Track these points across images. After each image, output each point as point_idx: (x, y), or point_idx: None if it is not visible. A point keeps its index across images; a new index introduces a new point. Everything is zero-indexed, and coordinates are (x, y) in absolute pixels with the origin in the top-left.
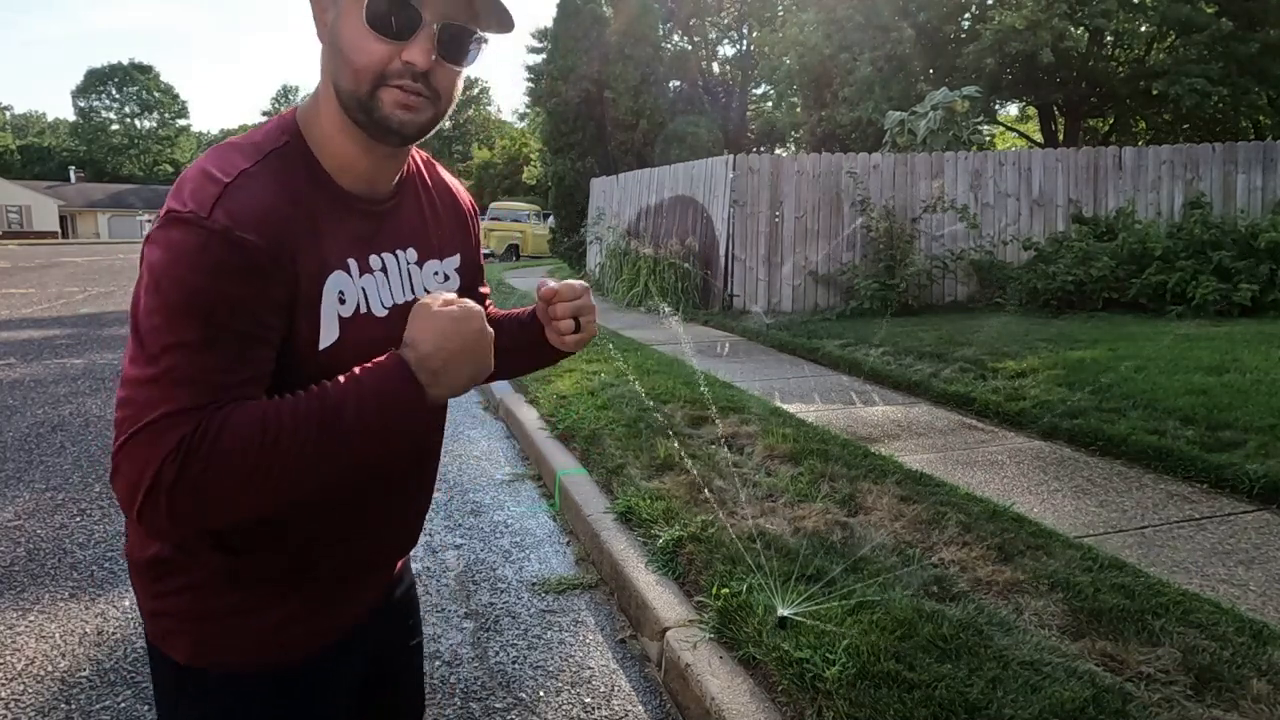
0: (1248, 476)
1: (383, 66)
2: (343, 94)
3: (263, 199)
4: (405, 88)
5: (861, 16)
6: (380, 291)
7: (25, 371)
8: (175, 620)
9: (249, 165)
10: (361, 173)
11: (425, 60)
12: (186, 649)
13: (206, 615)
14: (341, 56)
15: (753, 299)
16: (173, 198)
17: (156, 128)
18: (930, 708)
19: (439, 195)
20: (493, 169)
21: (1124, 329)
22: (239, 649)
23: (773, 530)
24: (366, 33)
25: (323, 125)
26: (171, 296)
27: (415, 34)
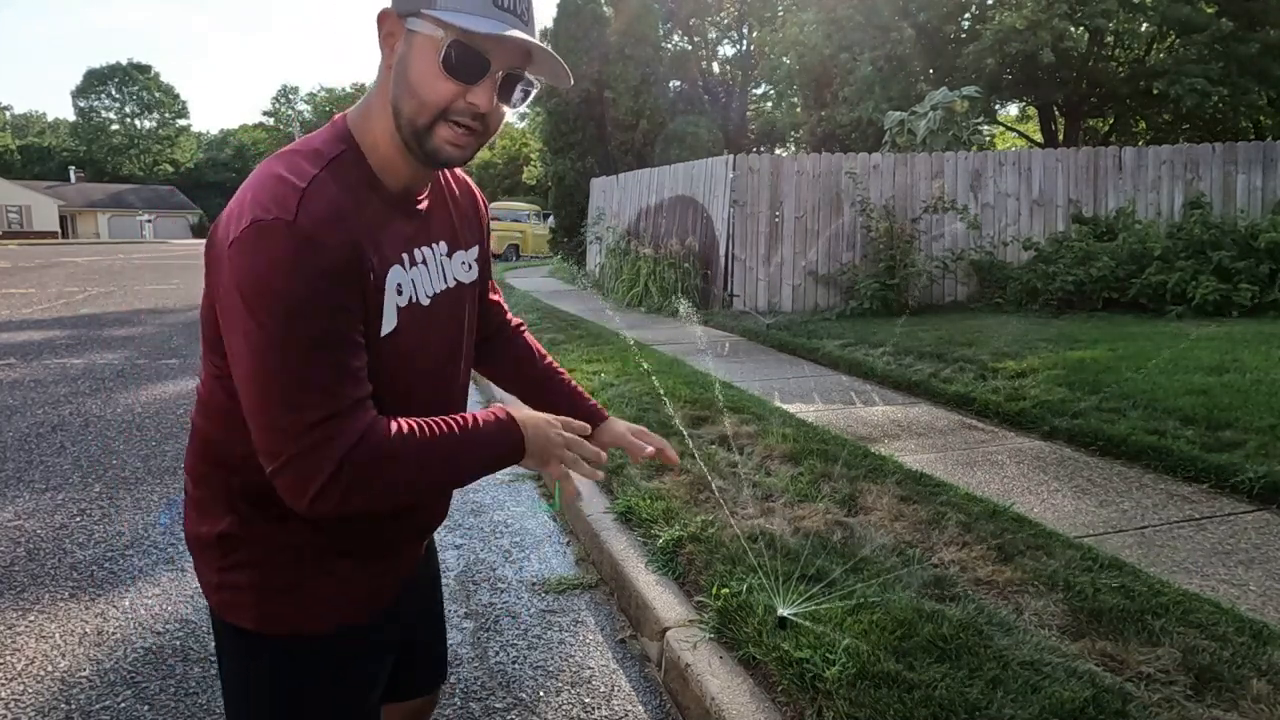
0: (1248, 476)
1: (447, 104)
2: (401, 118)
3: (336, 202)
4: (460, 124)
5: (861, 16)
6: (424, 282)
7: (25, 371)
8: (241, 591)
9: (317, 171)
10: (405, 179)
11: (488, 104)
12: (254, 617)
13: (272, 585)
14: (408, 87)
15: (753, 299)
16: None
17: (156, 128)
18: (930, 708)
19: (459, 192)
20: (493, 169)
21: (1124, 329)
22: (302, 615)
23: (773, 530)
24: (439, 73)
25: (375, 136)
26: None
27: (483, 79)
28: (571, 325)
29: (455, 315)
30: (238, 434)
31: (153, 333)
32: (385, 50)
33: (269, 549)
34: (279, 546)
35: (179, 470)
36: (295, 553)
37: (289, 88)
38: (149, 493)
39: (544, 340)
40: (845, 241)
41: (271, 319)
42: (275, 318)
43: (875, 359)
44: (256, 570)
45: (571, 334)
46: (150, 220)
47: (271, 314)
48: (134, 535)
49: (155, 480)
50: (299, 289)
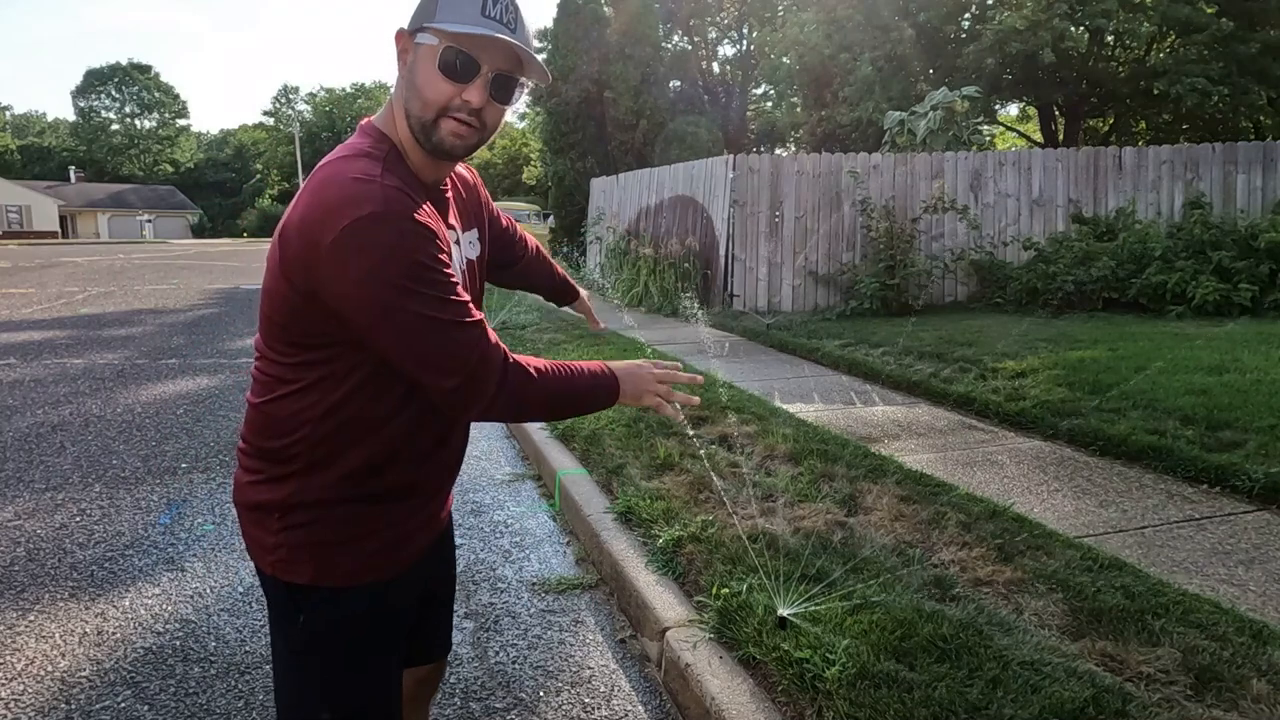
0: (1248, 476)
1: (447, 101)
2: (411, 118)
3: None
4: (460, 119)
5: (861, 16)
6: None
7: (25, 371)
8: (300, 550)
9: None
10: (430, 171)
11: (480, 100)
12: (310, 572)
13: (327, 543)
14: (415, 90)
15: (753, 299)
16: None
17: (156, 128)
18: (930, 708)
19: (462, 182)
20: (493, 169)
21: (1124, 329)
22: (351, 571)
23: (773, 530)
24: (438, 75)
25: (400, 137)
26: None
27: (474, 79)
28: (571, 325)
29: (476, 289)
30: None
31: (153, 333)
32: (400, 64)
33: (327, 510)
34: (336, 505)
35: (179, 470)
36: (349, 510)
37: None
38: (149, 493)
39: (544, 340)
40: (845, 241)
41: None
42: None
43: (875, 359)
44: (314, 530)
45: (572, 334)
46: (150, 220)
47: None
48: (134, 535)
49: (155, 480)
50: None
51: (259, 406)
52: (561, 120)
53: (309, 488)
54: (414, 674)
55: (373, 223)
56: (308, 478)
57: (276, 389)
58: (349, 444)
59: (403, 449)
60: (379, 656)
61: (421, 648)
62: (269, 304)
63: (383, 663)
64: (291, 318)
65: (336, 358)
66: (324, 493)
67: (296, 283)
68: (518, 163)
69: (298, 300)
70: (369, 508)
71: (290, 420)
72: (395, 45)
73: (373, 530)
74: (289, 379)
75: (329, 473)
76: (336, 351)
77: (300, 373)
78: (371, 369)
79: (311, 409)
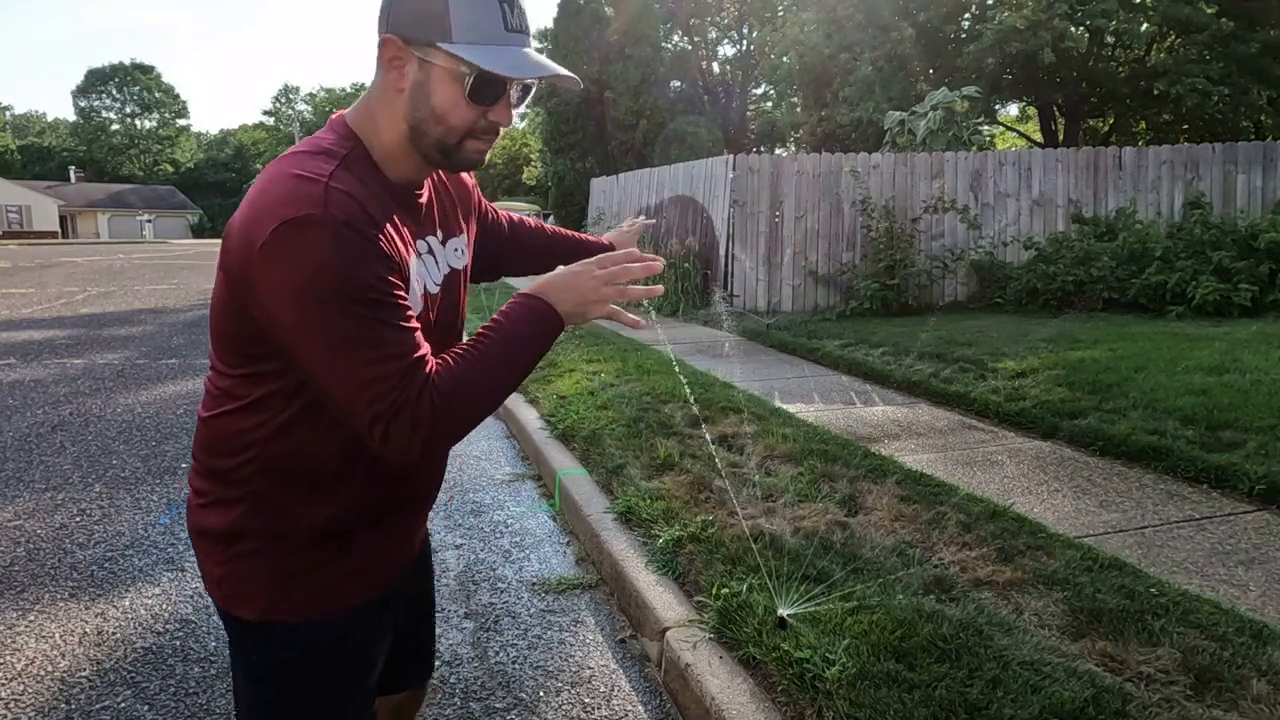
0: (1248, 477)
1: (473, 125)
2: (426, 137)
3: (353, 190)
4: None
5: (862, 16)
6: (431, 271)
7: (25, 371)
8: (246, 581)
9: (333, 167)
10: (408, 178)
11: (509, 119)
12: (257, 607)
13: (276, 574)
14: (433, 114)
15: (753, 299)
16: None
17: (157, 128)
18: (930, 708)
19: (447, 184)
20: (493, 169)
21: (1124, 329)
22: (303, 603)
23: (773, 530)
24: (464, 102)
25: (383, 141)
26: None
27: (500, 99)
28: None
29: (453, 300)
30: (250, 423)
31: (153, 333)
32: (391, 72)
33: (276, 538)
34: (286, 534)
35: (179, 470)
36: (300, 540)
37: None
38: (149, 493)
39: None
40: (845, 241)
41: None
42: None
43: (875, 359)
44: (262, 560)
45: (571, 334)
46: (150, 220)
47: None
48: (134, 535)
49: (155, 480)
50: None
51: (207, 421)
52: (561, 120)
53: (257, 515)
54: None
55: (307, 227)
56: (256, 504)
57: (224, 404)
58: (302, 470)
59: (364, 478)
60: (345, 695)
61: (400, 674)
62: (213, 310)
63: (350, 701)
64: (234, 325)
65: (285, 372)
66: (274, 521)
67: (235, 288)
68: (518, 163)
69: (237, 306)
70: (325, 539)
71: (237, 439)
72: (380, 51)
73: (329, 560)
74: (236, 394)
75: (280, 500)
76: (285, 365)
77: (247, 387)
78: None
79: (260, 428)
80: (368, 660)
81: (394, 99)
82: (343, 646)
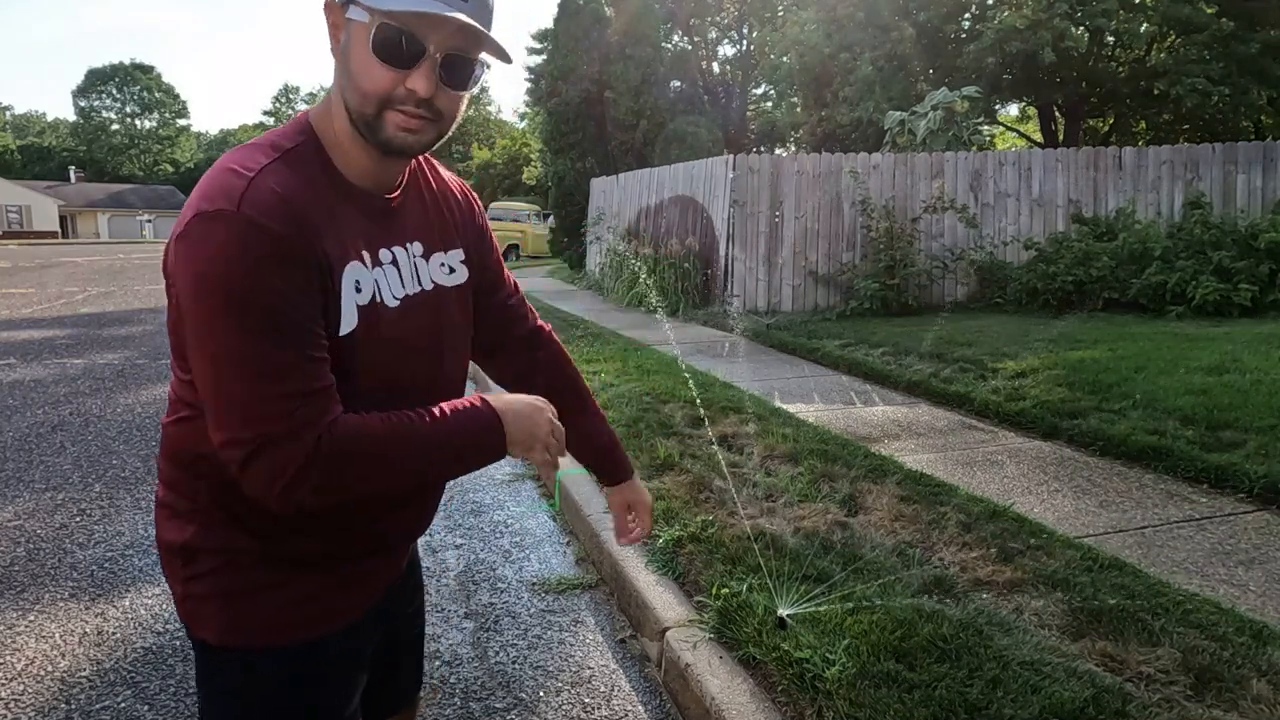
0: (1248, 476)
1: (388, 92)
2: (351, 111)
3: (286, 191)
4: (408, 112)
5: (862, 15)
6: (391, 283)
7: (25, 371)
8: (205, 601)
9: (269, 161)
10: (369, 173)
11: (428, 88)
12: (215, 629)
13: (234, 595)
14: (350, 78)
15: (753, 299)
16: (198, 199)
17: (157, 128)
18: (930, 708)
19: (441, 192)
20: (493, 169)
21: (1124, 329)
22: (264, 627)
23: (773, 530)
24: (373, 60)
25: (335, 130)
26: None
27: (419, 63)
28: (572, 325)
29: (434, 321)
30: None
31: (153, 333)
32: (332, 43)
33: (232, 557)
34: (243, 555)
35: None
36: (258, 561)
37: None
38: (149, 493)
39: None
40: (845, 241)
41: (225, 308)
42: (228, 306)
43: (875, 359)
44: (219, 580)
45: (572, 334)
46: (150, 220)
47: (224, 303)
48: (134, 535)
49: (155, 480)
50: (248, 277)
51: (166, 428)
52: (561, 120)
53: (212, 531)
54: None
55: (216, 222)
56: (210, 519)
57: (180, 410)
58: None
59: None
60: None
61: (386, 698)
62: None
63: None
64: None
65: None
66: (227, 539)
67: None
68: (518, 163)
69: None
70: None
71: (192, 448)
72: (325, 19)
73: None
74: (186, 399)
75: (233, 517)
76: None
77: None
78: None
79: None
80: (336, 692)
81: (337, 77)
82: (308, 674)
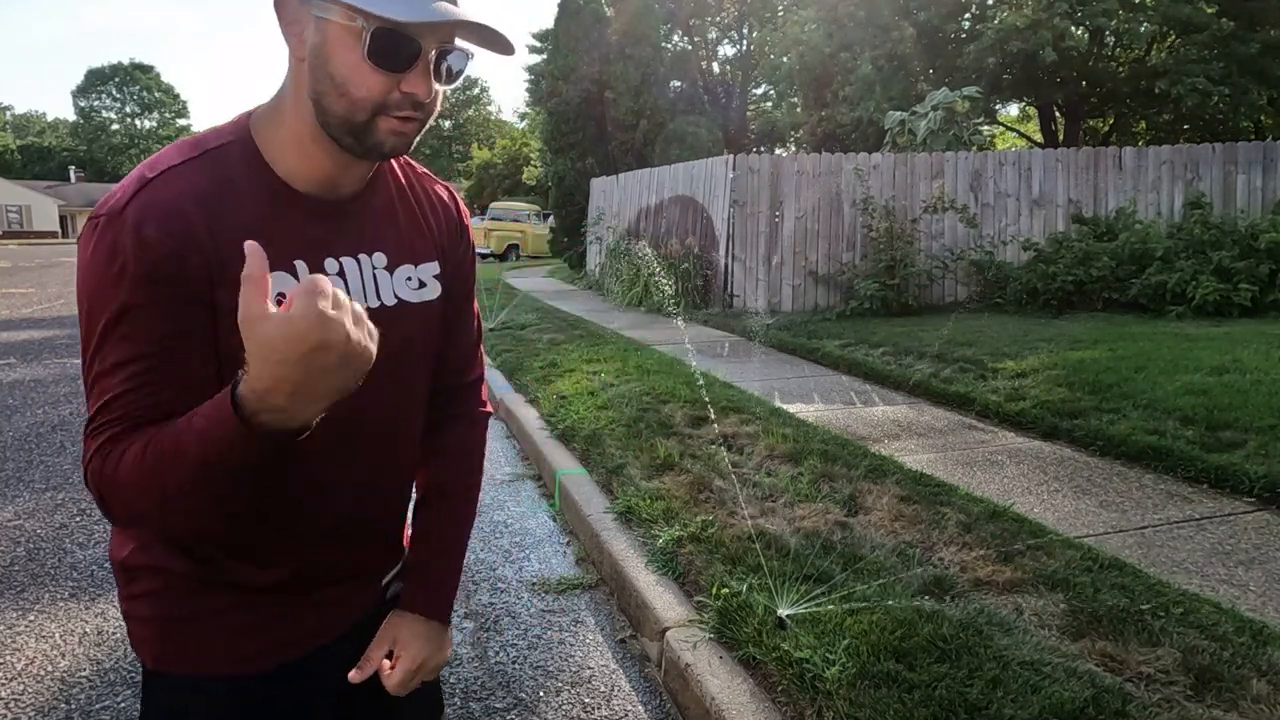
0: (1248, 476)
1: (383, 98)
2: (332, 117)
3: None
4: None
5: (863, 14)
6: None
7: (25, 371)
8: (143, 623)
9: (179, 161)
10: (322, 177)
11: (427, 90)
12: (151, 652)
13: (169, 620)
14: (333, 84)
15: (753, 299)
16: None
17: (157, 127)
18: (930, 708)
19: (419, 198)
20: (493, 169)
21: (1124, 329)
22: (197, 656)
23: (773, 530)
24: (367, 66)
25: (284, 130)
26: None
27: (415, 65)
28: (572, 325)
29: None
30: None
31: None
32: (290, 40)
33: (167, 578)
34: (178, 578)
35: None
36: (196, 587)
37: None
38: None
39: (544, 340)
40: (845, 241)
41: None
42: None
43: (875, 359)
44: (155, 601)
45: (572, 334)
46: None
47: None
48: None
49: None
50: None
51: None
52: (561, 120)
53: (148, 551)
54: None
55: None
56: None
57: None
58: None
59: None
60: None
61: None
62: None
63: None
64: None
65: None
66: (165, 561)
67: None
68: (518, 163)
69: None
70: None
71: None
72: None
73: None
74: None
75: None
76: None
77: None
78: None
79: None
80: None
81: (298, 73)
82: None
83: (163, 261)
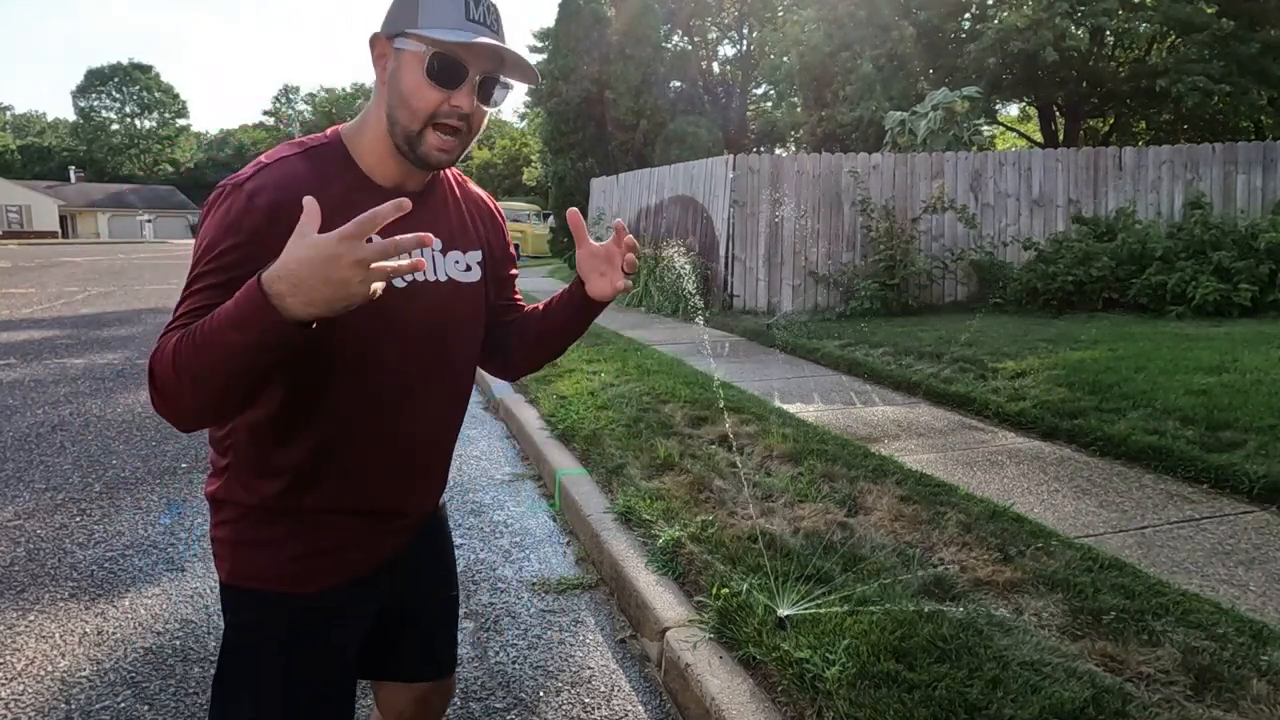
0: (1248, 477)
1: (435, 109)
2: (396, 126)
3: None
4: (447, 128)
5: (863, 14)
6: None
7: (25, 371)
8: (222, 545)
9: (289, 154)
10: (393, 176)
11: (469, 105)
12: (226, 569)
13: (242, 543)
14: (401, 98)
15: (753, 299)
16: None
17: (156, 127)
18: (930, 708)
19: (468, 201)
20: (493, 169)
21: (1124, 329)
22: (264, 574)
23: (773, 530)
24: (425, 83)
25: (367, 138)
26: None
27: (462, 84)
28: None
29: (441, 312)
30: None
31: (153, 333)
32: (378, 69)
33: (243, 507)
34: (254, 510)
35: (179, 470)
36: (266, 518)
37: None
38: (149, 493)
39: None
40: (845, 241)
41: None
42: (197, 249)
43: (875, 359)
44: (233, 527)
45: None
46: (150, 220)
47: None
48: (134, 535)
49: (155, 480)
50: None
51: None
52: (562, 120)
53: (235, 486)
54: (409, 692)
55: (224, 191)
56: (236, 475)
57: None
58: (273, 447)
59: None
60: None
61: (397, 663)
62: None
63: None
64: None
65: None
66: (248, 494)
67: None
68: (518, 163)
69: None
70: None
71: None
72: (370, 50)
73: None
74: None
75: (255, 474)
76: None
77: None
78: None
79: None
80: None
81: (380, 95)
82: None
83: (261, 221)
